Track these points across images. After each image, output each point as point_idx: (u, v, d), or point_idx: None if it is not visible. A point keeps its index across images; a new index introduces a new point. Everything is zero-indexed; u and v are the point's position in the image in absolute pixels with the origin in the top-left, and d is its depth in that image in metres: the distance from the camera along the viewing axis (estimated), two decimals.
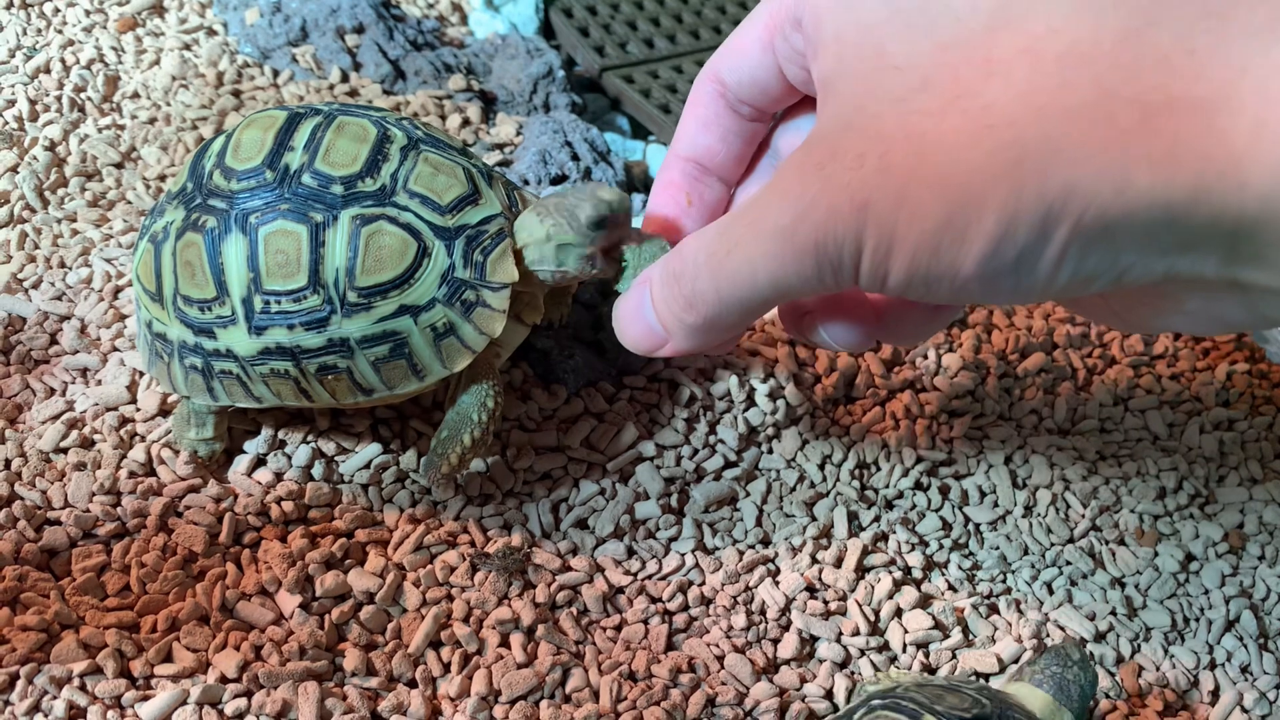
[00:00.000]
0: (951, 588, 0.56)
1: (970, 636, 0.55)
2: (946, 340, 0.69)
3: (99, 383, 0.58)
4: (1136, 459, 0.64)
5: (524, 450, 0.58)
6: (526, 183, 0.72)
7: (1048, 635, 0.55)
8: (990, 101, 0.33)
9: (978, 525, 0.60)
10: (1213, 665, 0.55)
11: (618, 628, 0.53)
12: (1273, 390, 0.69)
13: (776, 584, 0.55)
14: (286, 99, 0.76)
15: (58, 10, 0.81)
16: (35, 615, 0.48)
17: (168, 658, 0.48)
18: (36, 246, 0.65)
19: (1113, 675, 0.54)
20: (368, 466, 0.56)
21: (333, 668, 0.49)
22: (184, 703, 0.46)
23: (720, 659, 0.52)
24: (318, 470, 0.55)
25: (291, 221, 0.49)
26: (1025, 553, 0.59)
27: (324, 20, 0.81)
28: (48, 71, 0.76)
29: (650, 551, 0.56)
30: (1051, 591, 0.57)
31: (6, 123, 0.72)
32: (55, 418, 0.56)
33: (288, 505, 0.54)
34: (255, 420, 0.57)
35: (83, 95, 0.75)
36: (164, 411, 0.57)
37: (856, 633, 0.53)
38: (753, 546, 0.57)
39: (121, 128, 0.73)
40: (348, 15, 0.82)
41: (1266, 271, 0.33)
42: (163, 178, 0.70)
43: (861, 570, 0.56)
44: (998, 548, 0.59)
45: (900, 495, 0.60)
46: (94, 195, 0.69)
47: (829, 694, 0.51)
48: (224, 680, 0.47)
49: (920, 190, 0.34)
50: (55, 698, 0.46)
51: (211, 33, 0.82)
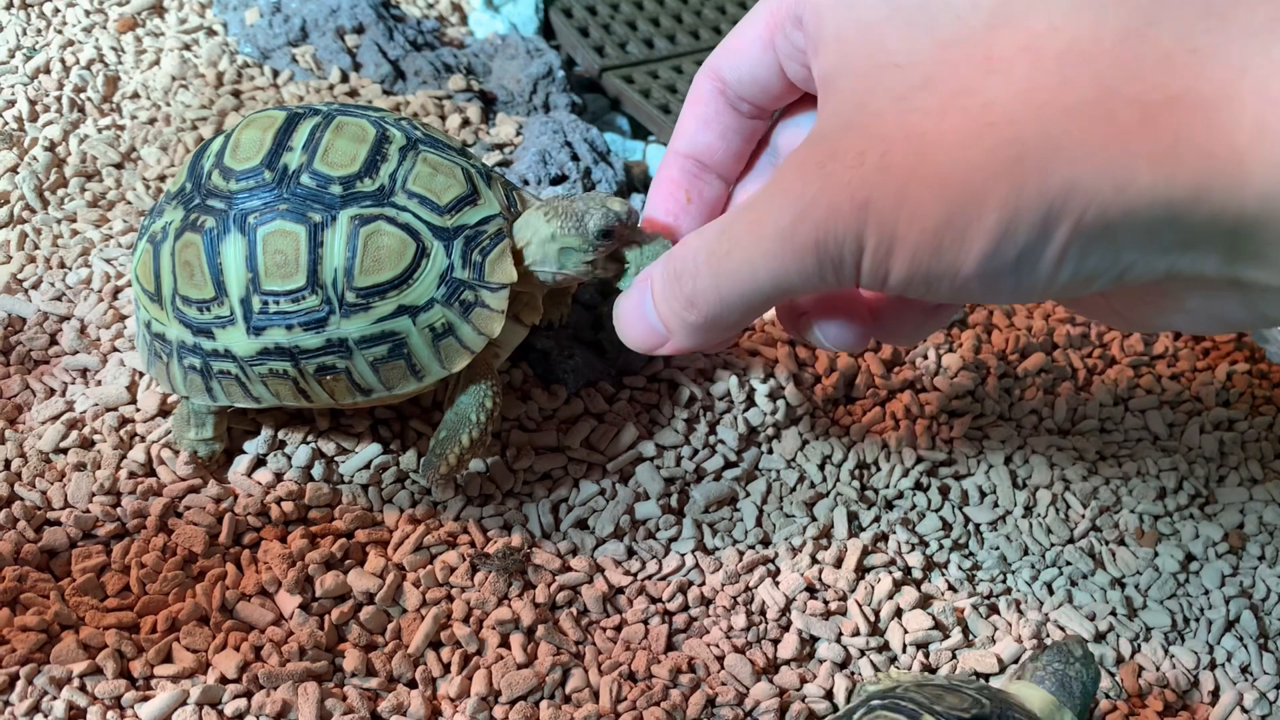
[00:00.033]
0: (951, 588, 0.56)
1: (970, 637, 0.55)
2: (946, 340, 0.68)
3: (99, 383, 0.58)
4: (1136, 459, 0.64)
5: (524, 450, 0.58)
6: (526, 183, 0.72)
7: (1048, 635, 0.55)
8: (991, 99, 0.33)
9: (978, 525, 0.60)
10: (1213, 665, 0.55)
11: (618, 628, 0.52)
12: (1273, 390, 0.69)
13: (776, 584, 0.55)
14: (286, 99, 0.76)
15: (57, 10, 0.81)
16: (35, 616, 0.48)
17: (167, 658, 0.48)
18: (36, 247, 0.65)
19: (1113, 675, 0.54)
20: (367, 467, 0.56)
21: (332, 668, 0.49)
22: (184, 703, 0.46)
23: (720, 659, 0.52)
24: (317, 470, 0.55)
25: (290, 222, 0.49)
26: (1025, 553, 0.59)
27: (324, 20, 0.81)
28: (47, 72, 0.76)
29: (650, 552, 0.56)
30: (1051, 592, 0.57)
31: (6, 123, 0.72)
32: (55, 418, 0.56)
33: (287, 506, 0.54)
34: (255, 420, 0.57)
35: (82, 95, 0.75)
36: (164, 412, 0.57)
37: (856, 633, 0.53)
38: (753, 547, 0.57)
39: (121, 128, 0.73)
40: (347, 15, 0.82)
41: (1267, 270, 0.33)
42: (162, 178, 0.70)
43: (861, 570, 0.56)
44: (998, 548, 0.59)
45: (900, 495, 0.60)
46: (94, 195, 0.69)
47: (829, 694, 0.51)
48: (224, 681, 0.47)
49: (921, 189, 0.34)
50: (55, 698, 0.46)
51: (211, 33, 0.82)
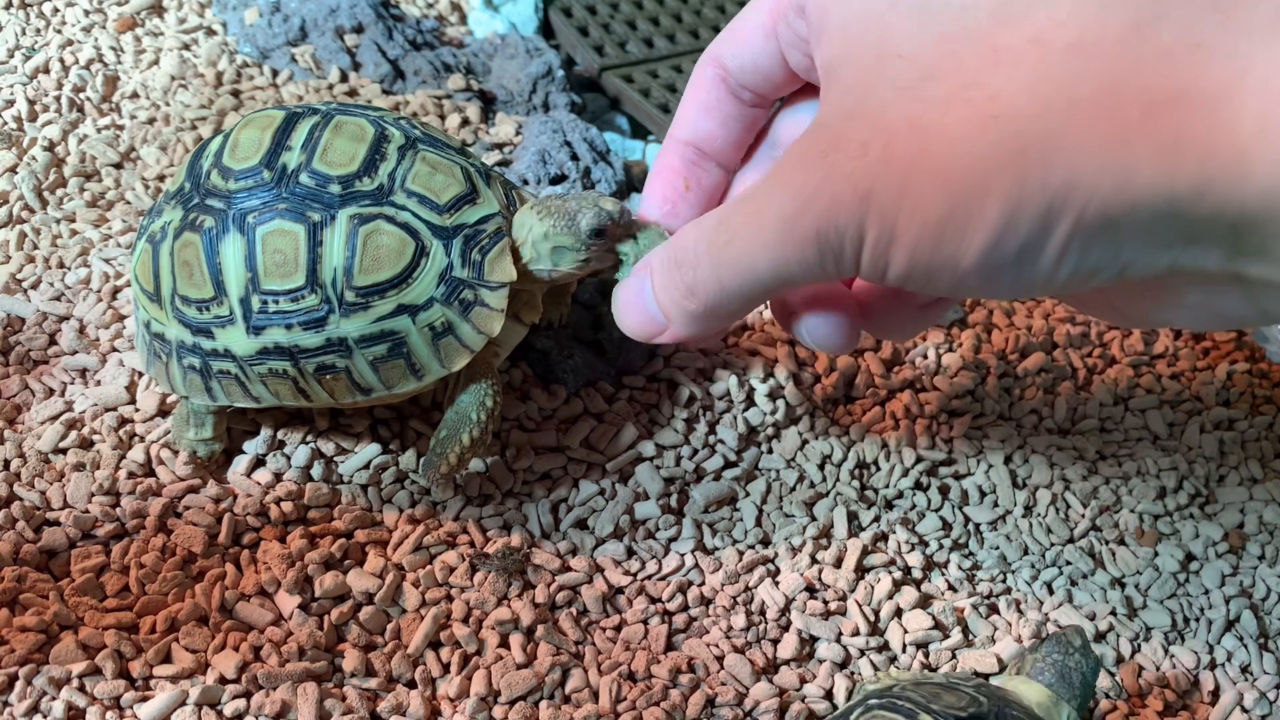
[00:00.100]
0: (951, 588, 0.56)
1: (970, 636, 0.55)
2: (946, 340, 0.68)
3: (98, 383, 0.58)
4: (1136, 459, 0.64)
5: (523, 450, 0.58)
6: (526, 182, 0.72)
7: (1047, 635, 0.55)
8: (996, 91, 0.33)
9: (978, 525, 0.60)
10: (1213, 665, 0.55)
11: (617, 628, 0.52)
12: (1273, 390, 0.69)
13: (776, 584, 0.55)
14: (285, 99, 0.76)
15: (57, 10, 0.81)
16: (34, 616, 0.48)
17: (167, 658, 0.48)
18: (35, 247, 0.65)
19: (1113, 675, 0.53)
20: (367, 467, 0.56)
21: (332, 668, 0.49)
22: (183, 704, 0.46)
23: (720, 659, 0.52)
24: (317, 471, 0.55)
25: (289, 221, 0.49)
26: (1025, 552, 0.59)
27: (323, 20, 0.81)
28: (47, 71, 0.76)
29: (650, 552, 0.56)
30: (1051, 591, 0.57)
31: (5, 123, 0.72)
32: (54, 418, 0.56)
33: (287, 506, 0.53)
34: (254, 420, 0.57)
35: (82, 95, 0.75)
36: (163, 412, 0.57)
37: (856, 633, 0.53)
38: (752, 546, 0.57)
39: (120, 128, 0.73)
40: (347, 15, 0.82)
41: (1269, 265, 0.33)
42: (162, 178, 0.70)
43: (861, 570, 0.56)
44: (997, 548, 0.59)
45: (900, 495, 0.60)
46: (93, 195, 0.69)
47: (829, 694, 0.51)
48: (223, 681, 0.47)
49: (923, 181, 0.34)
50: (54, 699, 0.46)
51: (210, 32, 0.82)
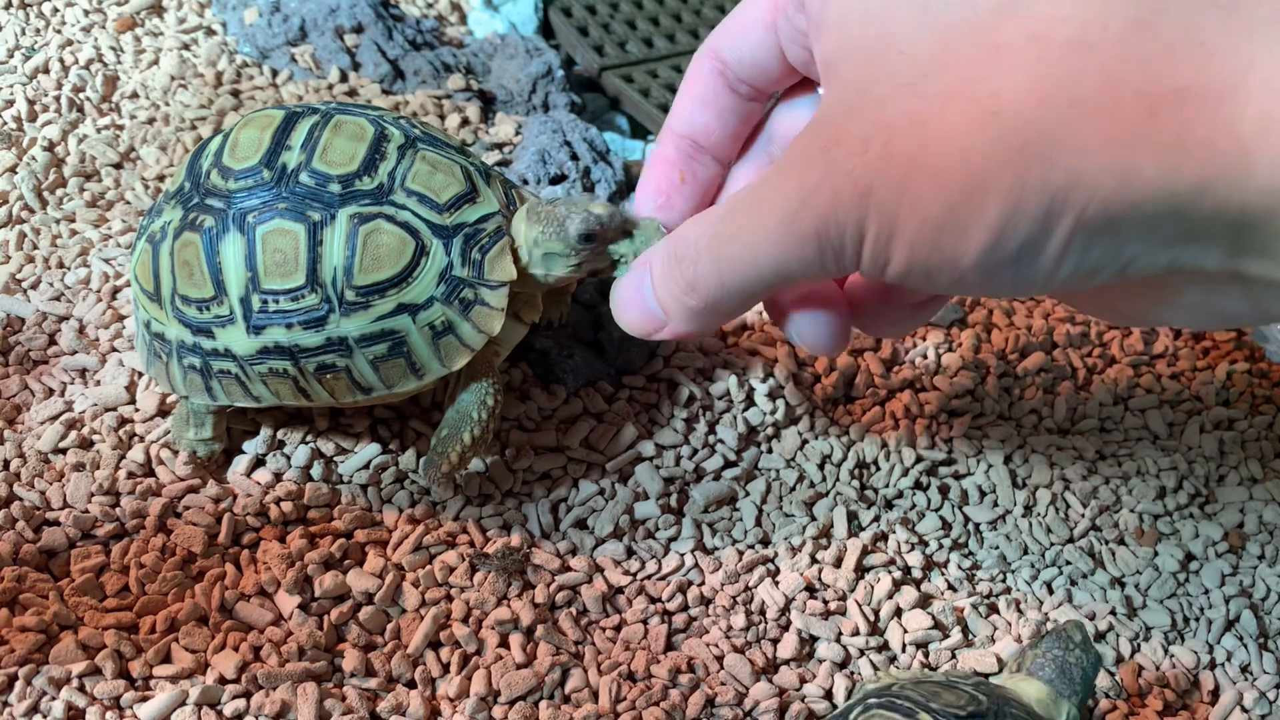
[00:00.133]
0: (951, 587, 0.56)
1: (970, 636, 0.54)
2: (946, 340, 0.68)
3: (98, 383, 0.58)
4: (1136, 458, 0.64)
5: (523, 450, 0.58)
6: (526, 182, 0.72)
7: (1047, 631, 0.55)
8: (997, 88, 0.33)
9: (977, 525, 0.60)
10: (1213, 665, 0.55)
11: (617, 628, 0.52)
12: (1273, 390, 0.69)
13: (776, 584, 0.55)
14: (285, 99, 0.76)
15: (56, 10, 0.81)
16: (34, 616, 0.48)
17: (166, 658, 0.48)
18: (35, 247, 0.65)
19: (1113, 675, 0.53)
20: (367, 467, 0.56)
21: (332, 668, 0.49)
22: (183, 704, 0.46)
23: (720, 659, 0.51)
24: (317, 470, 0.55)
25: (289, 220, 0.49)
26: (1025, 552, 0.59)
27: (323, 20, 0.81)
28: (46, 71, 0.76)
29: (650, 551, 0.56)
30: (1051, 591, 0.57)
31: (5, 123, 0.72)
32: (54, 418, 0.56)
33: (286, 506, 0.53)
34: (254, 420, 0.57)
35: (81, 95, 0.75)
36: (163, 412, 0.57)
37: (856, 633, 0.53)
38: (752, 546, 0.57)
39: (120, 128, 0.73)
40: (347, 15, 0.82)
41: (1270, 264, 0.32)
42: (161, 178, 0.70)
43: (861, 570, 0.56)
44: (997, 547, 0.59)
45: (900, 495, 0.60)
46: (92, 195, 0.69)
47: (828, 694, 0.51)
48: (223, 681, 0.47)
49: (923, 178, 0.34)
50: (54, 699, 0.46)
51: (210, 32, 0.82)
